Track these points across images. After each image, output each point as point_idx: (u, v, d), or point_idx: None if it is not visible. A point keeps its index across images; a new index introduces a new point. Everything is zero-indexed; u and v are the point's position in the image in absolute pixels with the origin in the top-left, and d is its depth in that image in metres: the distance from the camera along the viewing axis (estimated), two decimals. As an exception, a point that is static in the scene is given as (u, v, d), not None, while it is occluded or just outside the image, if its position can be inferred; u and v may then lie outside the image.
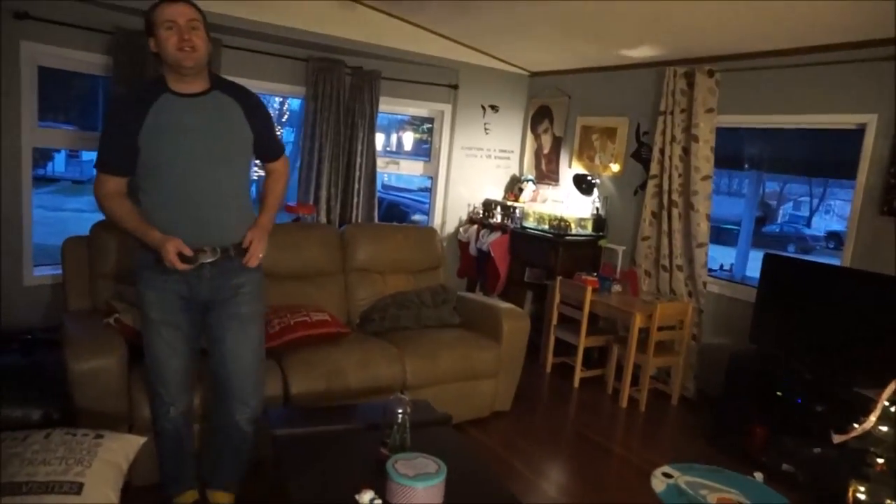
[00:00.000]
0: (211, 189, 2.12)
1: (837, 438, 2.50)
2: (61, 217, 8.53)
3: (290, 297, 3.42)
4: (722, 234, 7.71)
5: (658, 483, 3.01)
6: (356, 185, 4.90)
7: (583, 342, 4.21)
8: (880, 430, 2.36)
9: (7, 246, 3.64)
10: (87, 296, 3.03)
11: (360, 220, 4.91)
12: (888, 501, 2.21)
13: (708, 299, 4.17)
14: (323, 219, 4.75)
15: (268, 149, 2.32)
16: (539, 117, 5.55)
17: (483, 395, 3.52)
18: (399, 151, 7.00)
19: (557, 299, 4.41)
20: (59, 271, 3.19)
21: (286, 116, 10.45)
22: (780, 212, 12.51)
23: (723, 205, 9.44)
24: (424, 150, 5.72)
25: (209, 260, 2.12)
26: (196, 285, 2.17)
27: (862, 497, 2.29)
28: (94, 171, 2.13)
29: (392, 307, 3.68)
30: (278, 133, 2.18)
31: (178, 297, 2.18)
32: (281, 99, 8.92)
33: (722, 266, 5.91)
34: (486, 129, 5.49)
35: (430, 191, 5.68)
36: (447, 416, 2.52)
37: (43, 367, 2.78)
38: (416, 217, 7.66)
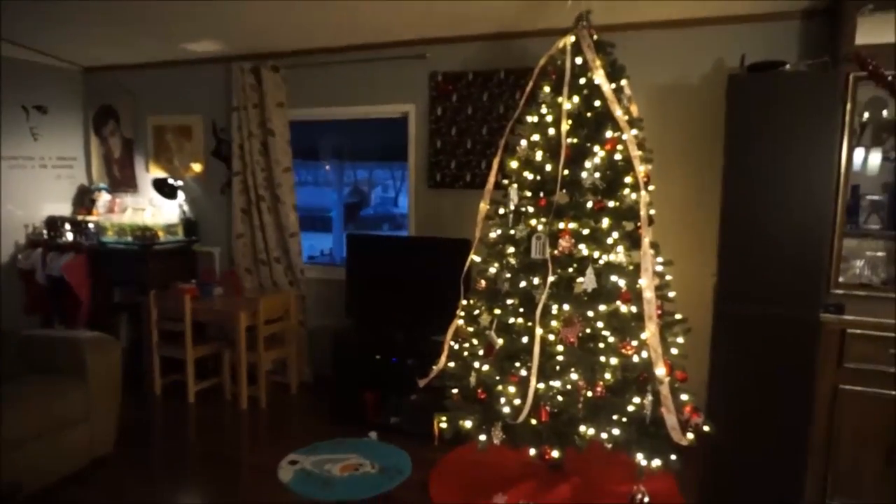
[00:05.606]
0: None
1: (421, 382, 2.89)
2: None
3: None
4: (326, 223, 8.15)
5: (285, 473, 3.05)
6: None
7: (191, 354, 3.96)
8: (450, 367, 2.81)
9: None
10: None
11: None
12: (461, 422, 2.64)
13: (309, 285, 4.36)
14: None
15: None
16: (103, 118, 4.94)
17: (74, 445, 3.00)
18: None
19: (155, 316, 4.04)
20: None
21: None
22: (373, 196, 13.88)
23: (322, 195, 9.97)
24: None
25: None
26: None
27: (444, 426, 2.69)
28: None
29: (-79, 371, 2.84)
30: None
31: None
32: None
33: (322, 252, 6.28)
34: (34, 134, 4.64)
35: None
36: (14, 486, 2.06)
37: None
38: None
